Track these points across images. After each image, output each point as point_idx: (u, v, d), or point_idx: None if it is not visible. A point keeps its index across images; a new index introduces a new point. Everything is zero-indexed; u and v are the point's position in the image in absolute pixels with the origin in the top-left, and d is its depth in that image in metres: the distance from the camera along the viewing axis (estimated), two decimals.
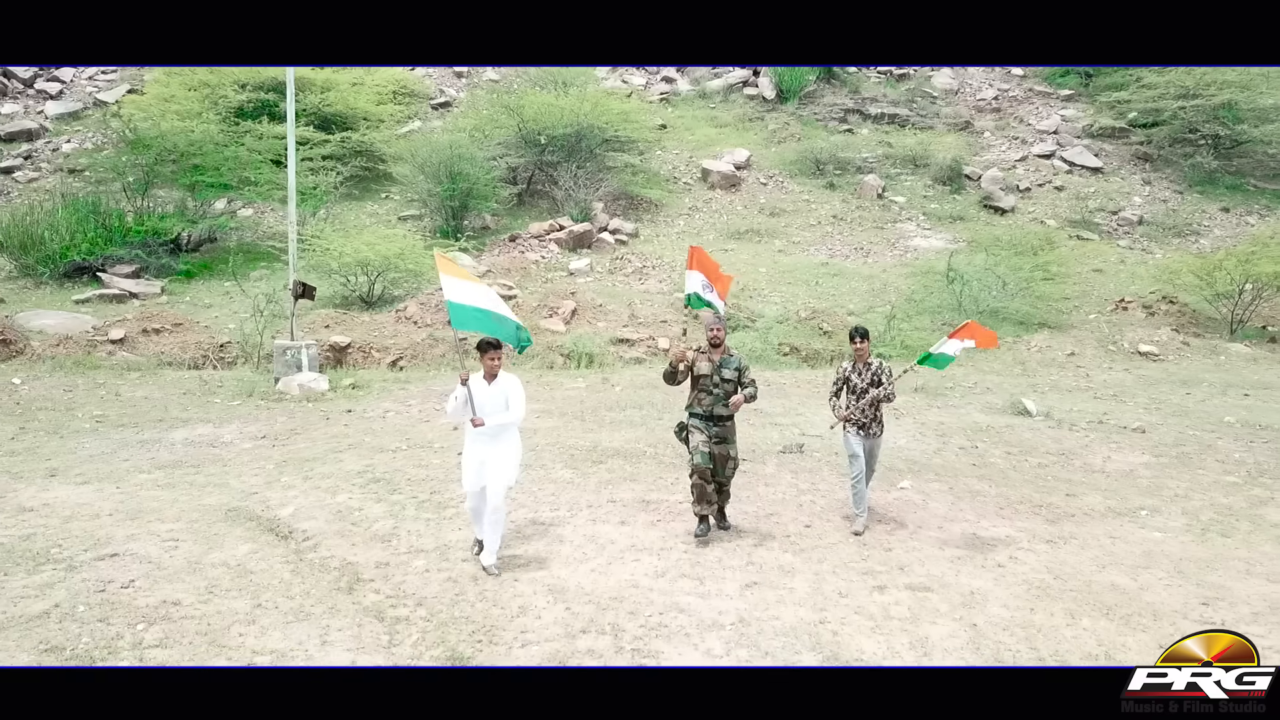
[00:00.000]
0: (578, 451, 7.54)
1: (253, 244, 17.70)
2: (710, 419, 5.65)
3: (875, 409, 6.00)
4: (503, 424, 5.09)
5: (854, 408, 5.94)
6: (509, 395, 5.15)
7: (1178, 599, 4.72)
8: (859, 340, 5.98)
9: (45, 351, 11.33)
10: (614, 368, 12.10)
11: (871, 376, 5.98)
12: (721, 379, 5.64)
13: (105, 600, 4.37)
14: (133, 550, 5.06)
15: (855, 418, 5.95)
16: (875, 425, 6.02)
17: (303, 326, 11.96)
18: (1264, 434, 8.83)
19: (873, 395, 5.91)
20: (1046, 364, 12.71)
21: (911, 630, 4.27)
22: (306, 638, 4.04)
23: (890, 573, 5.02)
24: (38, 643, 3.89)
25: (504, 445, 5.13)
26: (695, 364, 5.68)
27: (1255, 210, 20.98)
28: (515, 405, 5.14)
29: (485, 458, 5.07)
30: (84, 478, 6.54)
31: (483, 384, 5.15)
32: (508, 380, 5.19)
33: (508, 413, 5.11)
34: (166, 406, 8.99)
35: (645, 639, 4.12)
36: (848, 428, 5.98)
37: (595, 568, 5.00)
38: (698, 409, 5.68)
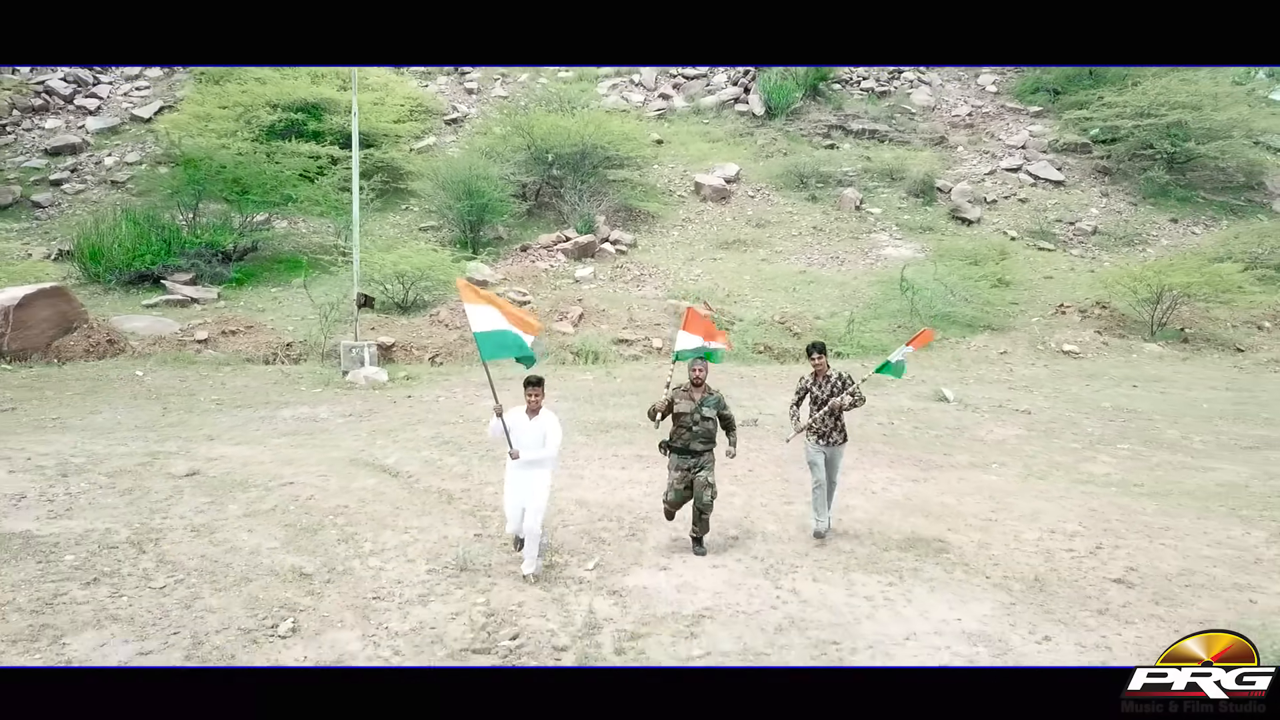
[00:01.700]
0: (590, 424, 10.50)
1: (291, 254, 20.65)
2: (687, 453, 6.29)
3: (836, 418, 6.47)
4: (539, 459, 5.71)
5: (814, 417, 6.45)
6: (547, 431, 5.75)
7: (981, 509, 7.66)
8: (817, 356, 6.52)
9: (144, 349, 14.29)
10: (615, 363, 15.06)
11: (831, 388, 6.50)
12: (701, 417, 6.23)
13: (302, 505, 7.31)
14: (299, 481, 8.00)
15: (816, 427, 6.47)
16: (836, 434, 6.55)
17: (353, 329, 14.93)
18: (1124, 415, 11.80)
19: (834, 404, 6.40)
20: (980, 361, 15.68)
21: (799, 517, 7.20)
22: (434, 524, 6.98)
23: (797, 488, 7.93)
24: (280, 524, 6.83)
25: (540, 472, 5.78)
26: (677, 402, 6.29)
27: (1202, 221, 23.94)
28: (551, 442, 5.74)
29: (521, 483, 5.77)
30: (235, 441, 9.49)
31: (524, 418, 5.79)
32: (548, 417, 5.81)
33: (543, 449, 5.73)
34: (266, 393, 11.96)
35: (636, 526, 7.05)
36: (808, 437, 6.52)
37: (605, 491, 7.94)
38: (676, 443, 6.30)
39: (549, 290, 18.10)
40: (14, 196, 23.33)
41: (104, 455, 8.58)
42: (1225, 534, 6.99)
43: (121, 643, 4.79)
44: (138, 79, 28.50)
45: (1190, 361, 16.22)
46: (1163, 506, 7.77)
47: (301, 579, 5.73)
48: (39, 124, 26.49)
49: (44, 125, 26.44)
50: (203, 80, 26.43)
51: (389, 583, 5.72)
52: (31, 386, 11.89)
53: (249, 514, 7.01)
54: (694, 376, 6.33)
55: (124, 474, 7.96)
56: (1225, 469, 9.15)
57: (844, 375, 6.65)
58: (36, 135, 26.12)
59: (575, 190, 21.74)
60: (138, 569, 5.83)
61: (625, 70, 29.10)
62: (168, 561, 5.97)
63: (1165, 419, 11.66)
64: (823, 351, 6.68)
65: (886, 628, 5.17)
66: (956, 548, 6.60)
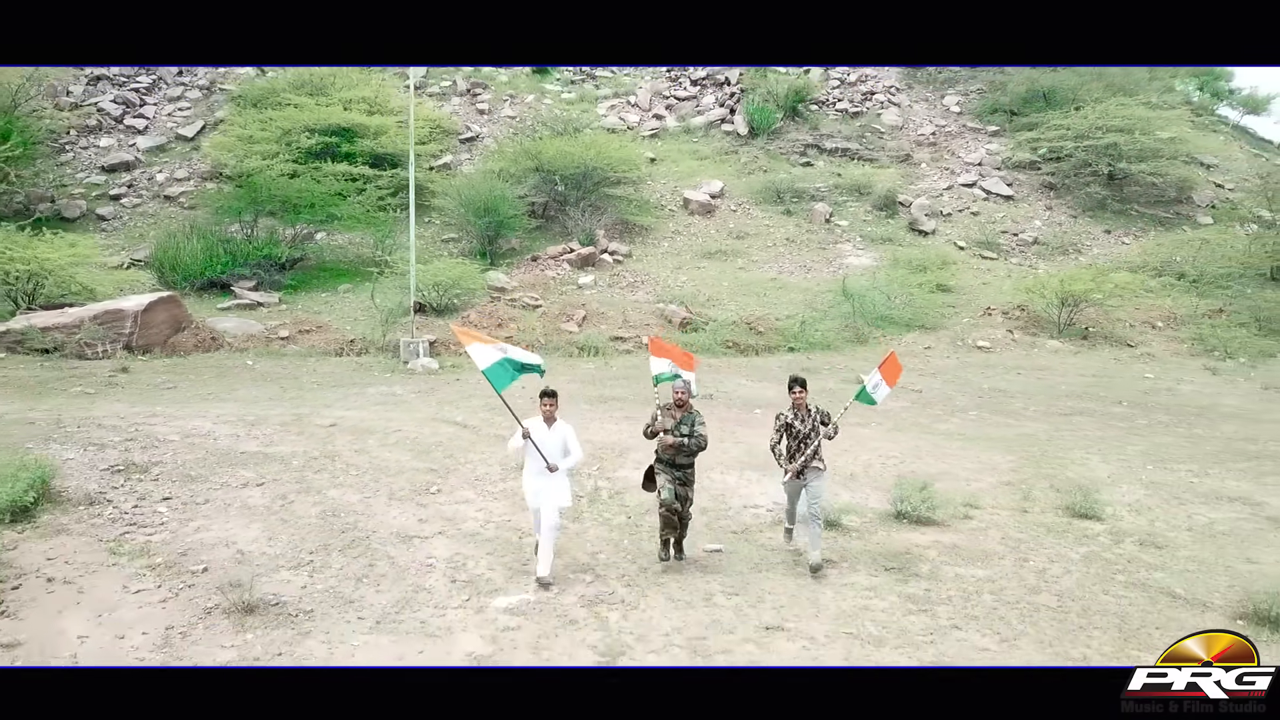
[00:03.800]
0: (593, 399, 15.64)
1: (333, 264, 25.80)
2: (673, 465, 7.47)
3: (815, 451, 6.97)
4: (569, 467, 6.87)
5: (800, 457, 6.95)
6: (567, 440, 6.91)
7: (846, 446, 12.77)
8: (798, 390, 7.00)
9: (239, 345, 19.43)
10: (612, 356, 20.18)
11: (813, 423, 7.00)
12: (680, 434, 7.41)
13: (413, 441, 12.42)
14: (404, 430, 13.09)
15: (797, 466, 6.98)
16: (816, 461, 7.10)
17: (403, 328, 20.09)
18: (991, 394, 16.94)
19: (817, 442, 6.92)
20: (905, 354, 20.79)
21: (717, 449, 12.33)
22: (497, 452, 12.08)
23: (735, 431, 13.03)
24: (405, 450, 11.95)
25: (558, 475, 6.92)
26: (661, 419, 7.47)
27: (1132, 232, 29.09)
28: (575, 450, 6.94)
29: (540, 487, 6.93)
30: (345, 408, 14.60)
31: (542, 427, 6.92)
32: (564, 427, 6.90)
33: (569, 458, 6.97)
34: (350, 376, 17.12)
35: (622, 451, 12.16)
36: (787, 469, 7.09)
37: (604, 435, 13.06)
38: (663, 456, 7.45)
39: (557, 295, 23.24)
40: (80, 210, 28.48)
41: (266, 415, 13.70)
42: (988, 459, 12.12)
43: (353, 492, 9.90)
44: (179, 100, 33.66)
45: (1080, 355, 21.36)
46: (964, 445, 12.91)
47: (432, 472, 10.86)
48: (94, 143, 31.64)
49: (99, 144, 31.58)
50: (240, 103, 31.57)
51: (482, 474, 10.85)
52: (175, 372, 17.04)
53: (382, 446, 12.15)
54: (676, 399, 7.58)
55: (289, 424, 13.10)
56: (1031, 426, 14.29)
57: (822, 410, 7.34)
58: (93, 153, 31.28)
59: (578, 207, 26.90)
60: (336, 466, 10.94)
61: (623, 92, 34.25)
62: (350, 465, 11.09)
63: (1022, 396, 16.81)
64: (804, 386, 7.27)
65: (750, 488, 10.28)
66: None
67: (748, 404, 15.38)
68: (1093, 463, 11.84)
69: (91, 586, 7.30)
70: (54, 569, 7.57)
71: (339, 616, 6.83)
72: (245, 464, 10.79)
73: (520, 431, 7.22)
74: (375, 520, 9.03)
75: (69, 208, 28.43)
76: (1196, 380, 18.86)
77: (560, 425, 7.34)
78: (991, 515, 9.59)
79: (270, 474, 10.48)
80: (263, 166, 25.58)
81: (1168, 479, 11.06)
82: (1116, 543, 8.68)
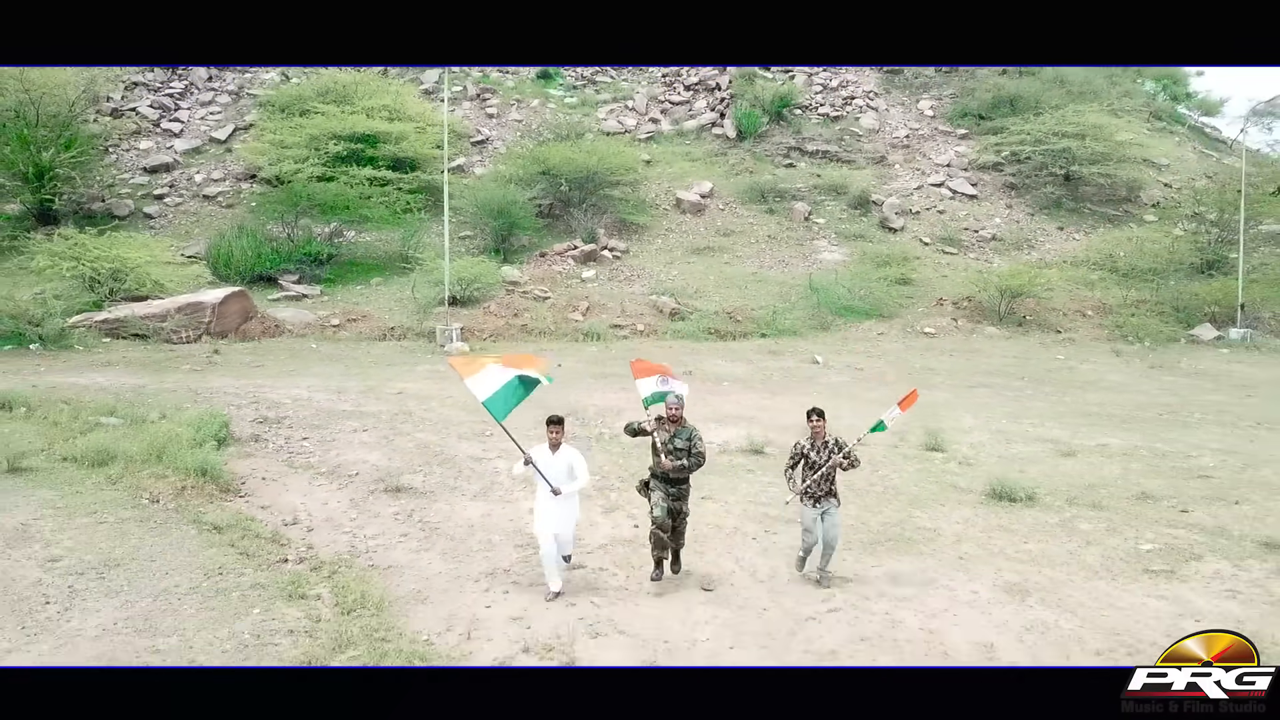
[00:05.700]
0: (596, 374, 21.03)
1: (363, 259, 31.19)
2: (666, 480, 7.94)
3: (829, 481, 7.48)
4: (574, 490, 7.49)
5: (810, 480, 7.46)
6: (573, 464, 7.51)
7: (787, 407, 18.14)
8: (816, 419, 7.55)
9: (299, 331, 24.82)
10: (611, 342, 25.54)
11: (829, 453, 7.52)
12: (674, 448, 7.90)
13: (465, 405, 17.81)
14: (454, 397, 18.42)
15: (812, 490, 7.52)
16: (830, 497, 7.68)
17: (434, 317, 25.48)
18: (920, 370, 22.33)
19: (828, 467, 7.44)
20: (860, 340, 26.19)
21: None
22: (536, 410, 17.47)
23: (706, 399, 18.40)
24: (461, 411, 17.36)
25: (568, 499, 7.66)
26: (655, 433, 7.94)
27: (1083, 229, 34.43)
28: (580, 474, 7.58)
29: (547, 510, 7.64)
30: (404, 381, 19.97)
31: (547, 454, 7.55)
32: (569, 451, 7.52)
33: (575, 481, 7.59)
34: (399, 357, 22.52)
35: (619, 411, 17.56)
36: (804, 501, 7.55)
37: (605, 401, 18.44)
38: (657, 471, 7.98)
39: (564, 288, 28.62)
40: (129, 209, 33.82)
41: (343, 386, 19.08)
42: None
43: (432, 434, 15.27)
44: (210, 104, 38.94)
45: (1012, 340, 26.74)
46: (878, 408, 18.30)
47: (483, 423, 16.22)
48: (135, 145, 36.93)
49: (139, 146, 36.88)
50: (269, 109, 36.85)
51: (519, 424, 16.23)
52: (256, 354, 22.45)
53: (443, 405, 17.52)
54: (670, 414, 8.08)
55: (367, 392, 18.47)
56: (938, 395, 19.66)
57: (839, 440, 7.78)
58: (134, 155, 36.60)
59: (581, 207, 32.24)
60: (414, 419, 16.30)
61: (621, 96, 39.53)
62: (424, 419, 16.45)
63: (945, 373, 22.20)
64: (821, 416, 7.75)
65: (711, 434, 15.69)
66: (758, 417, 17.07)
67: (719, 379, 20.74)
68: (965, 419, 17.21)
69: (291, 482, 12.70)
70: (261, 474, 12.97)
71: (450, 495, 12.24)
72: (348, 418, 16.20)
73: (523, 459, 7.98)
74: (453, 449, 14.44)
75: (119, 207, 33.75)
76: (1098, 361, 24.24)
77: (566, 450, 7.99)
78: (871, 450, 14.97)
79: (369, 424, 15.89)
80: (296, 170, 30.84)
81: (1010, 428, 16.43)
82: (945, 463, 14.08)
